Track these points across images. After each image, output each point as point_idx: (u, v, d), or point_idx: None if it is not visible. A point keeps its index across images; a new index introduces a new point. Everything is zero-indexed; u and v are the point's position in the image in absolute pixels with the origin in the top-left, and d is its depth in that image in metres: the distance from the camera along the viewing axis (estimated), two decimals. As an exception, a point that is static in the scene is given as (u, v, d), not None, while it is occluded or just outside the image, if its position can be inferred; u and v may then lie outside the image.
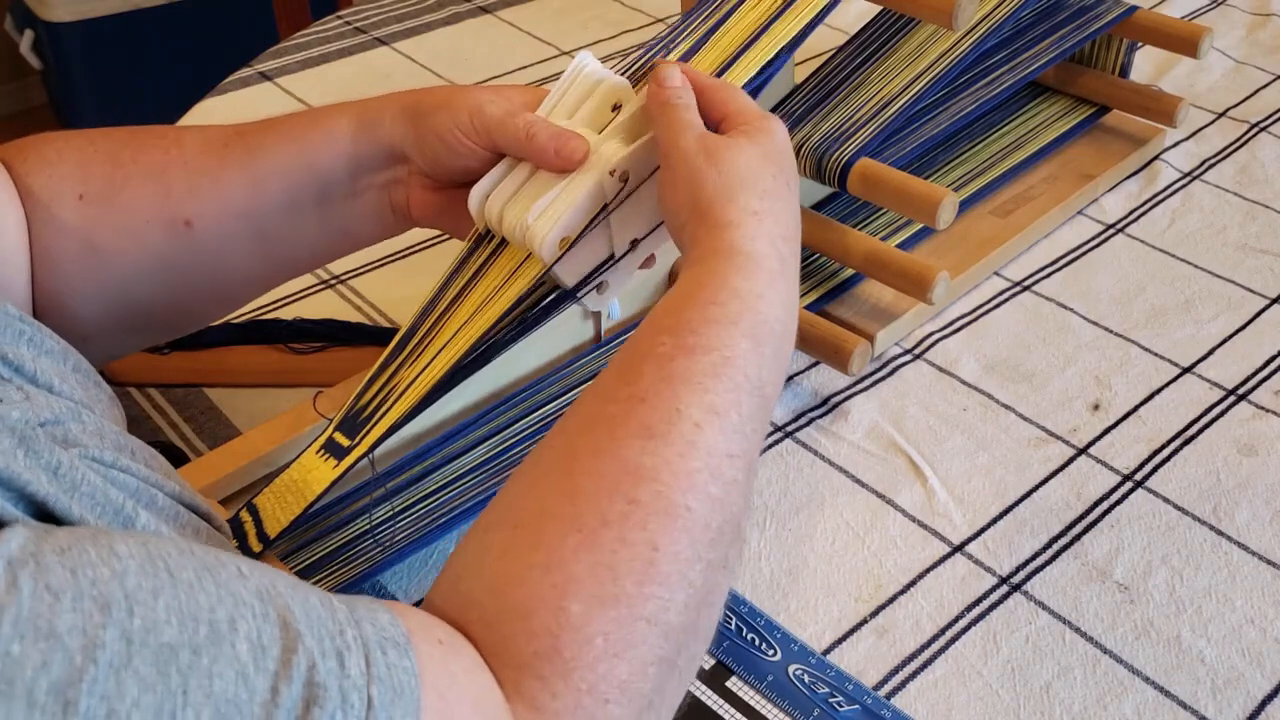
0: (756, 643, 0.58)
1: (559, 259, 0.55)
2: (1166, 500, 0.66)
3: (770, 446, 0.69)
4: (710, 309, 0.48)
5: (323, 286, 0.82)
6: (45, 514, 0.36)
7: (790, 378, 0.74)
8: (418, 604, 0.43)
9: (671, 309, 0.49)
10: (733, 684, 0.56)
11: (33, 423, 0.40)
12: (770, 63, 0.64)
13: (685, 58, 0.63)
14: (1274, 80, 1.05)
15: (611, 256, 0.57)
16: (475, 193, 0.58)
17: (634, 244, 0.57)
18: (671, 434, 0.44)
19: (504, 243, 0.58)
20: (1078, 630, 0.59)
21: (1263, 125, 0.98)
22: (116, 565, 0.32)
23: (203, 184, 0.59)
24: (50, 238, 0.56)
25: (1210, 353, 0.76)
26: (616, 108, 0.58)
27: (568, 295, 0.58)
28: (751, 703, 0.55)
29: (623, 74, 0.60)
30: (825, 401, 0.72)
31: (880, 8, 0.80)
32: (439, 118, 0.59)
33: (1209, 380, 0.74)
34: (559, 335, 0.71)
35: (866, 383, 0.74)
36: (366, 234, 0.64)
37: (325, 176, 0.60)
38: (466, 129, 0.58)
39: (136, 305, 0.59)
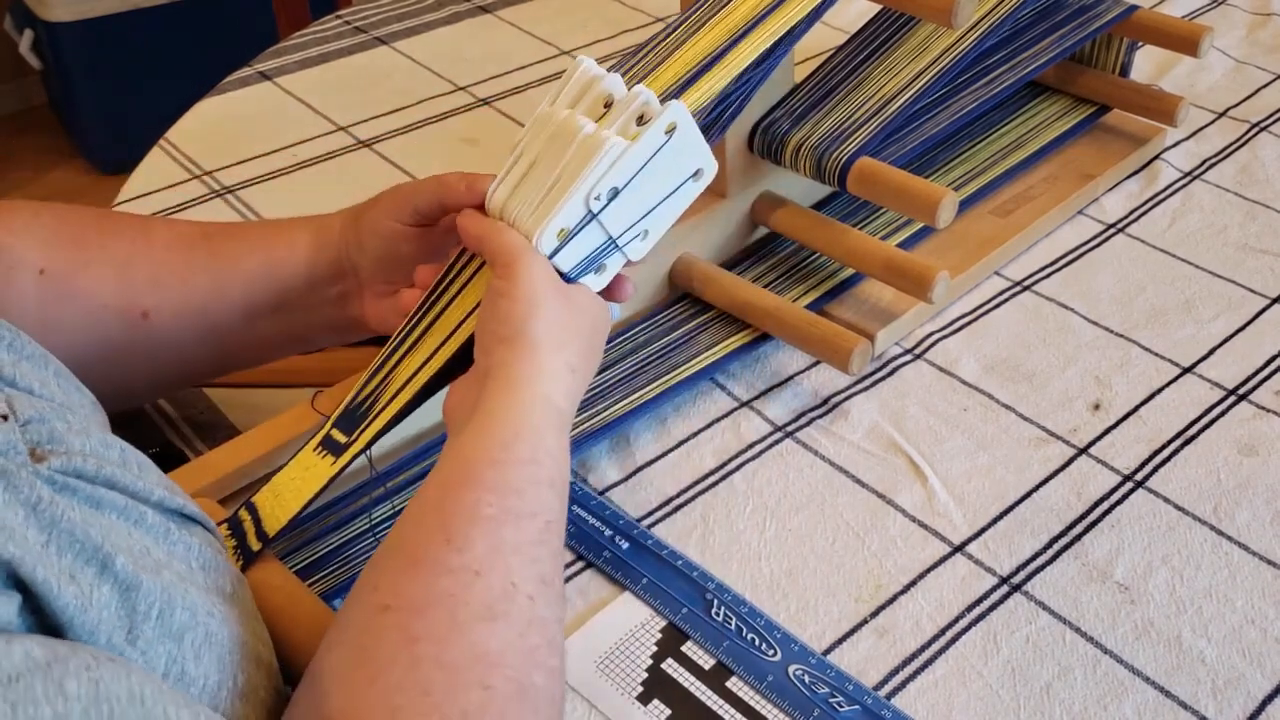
0: (756, 643, 0.58)
1: (557, 250, 0.55)
2: (1167, 500, 0.66)
3: (770, 446, 0.69)
4: (531, 469, 0.49)
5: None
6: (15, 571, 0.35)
7: (790, 377, 0.74)
8: None
9: (493, 460, 0.49)
10: (733, 684, 0.56)
11: (15, 445, 0.39)
12: (762, 59, 0.64)
13: (675, 50, 0.63)
14: (1274, 80, 1.05)
15: (609, 239, 0.57)
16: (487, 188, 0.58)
17: (632, 226, 0.57)
18: (512, 612, 0.44)
19: None
20: (1078, 630, 0.59)
21: (1263, 125, 0.98)
22: (60, 706, 0.31)
23: (166, 279, 0.60)
24: (6, 303, 0.57)
25: (1211, 353, 0.76)
26: (608, 104, 0.58)
27: (564, 279, 0.58)
28: (751, 703, 0.55)
29: (620, 74, 0.61)
30: (825, 401, 0.72)
31: (880, 7, 0.80)
32: (369, 213, 0.62)
33: (1209, 380, 0.74)
34: (559, 335, 0.71)
35: (866, 383, 0.74)
36: (321, 342, 0.67)
37: (284, 287, 0.62)
38: (389, 209, 0.61)
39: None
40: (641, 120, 0.56)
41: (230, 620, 0.43)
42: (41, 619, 0.35)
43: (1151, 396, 0.72)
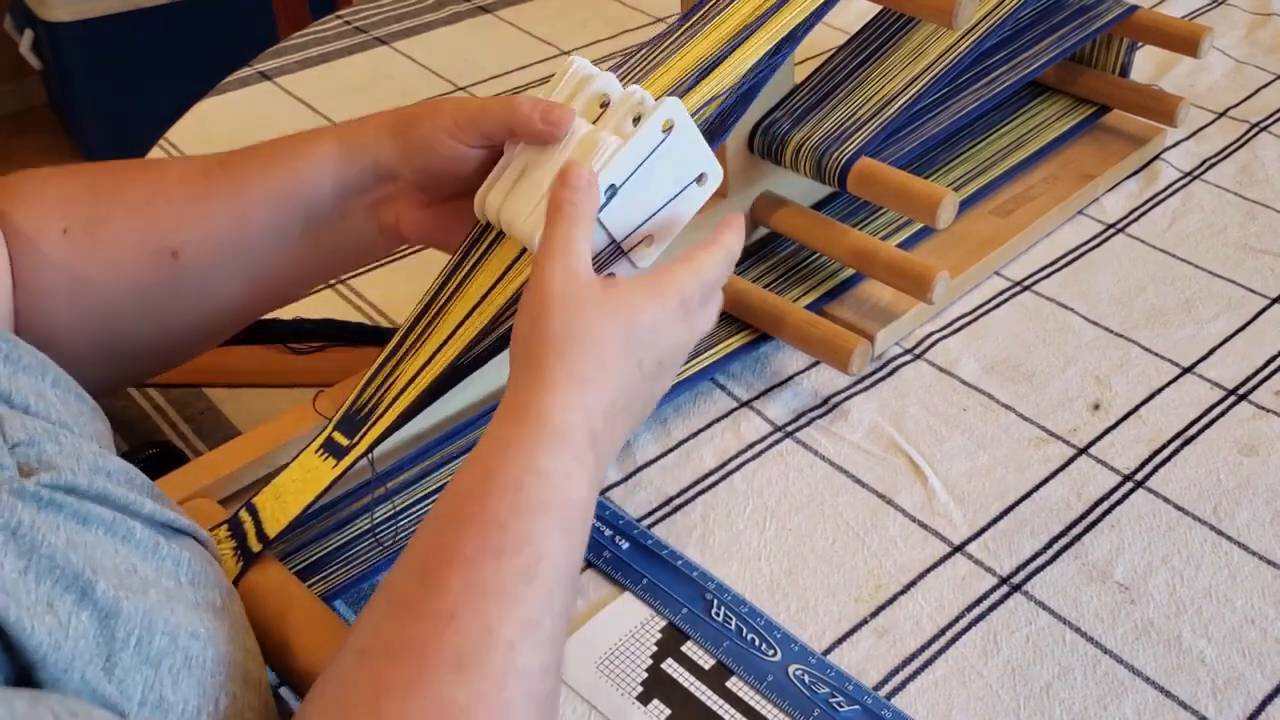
0: (756, 643, 0.58)
1: None
2: (1167, 500, 0.66)
3: (770, 446, 0.69)
4: (516, 495, 0.45)
5: (323, 286, 0.82)
6: None
7: (790, 377, 0.74)
8: None
9: (475, 490, 0.45)
10: (733, 684, 0.56)
11: (3, 463, 0.39)
12: (763, 61, 0.64)
13: (674, 54, 0.63)
14: (1274, 80, 1.05)
15: (613, 244, 0.57)
16: (479, 190, 0.58)
17: (635, 230, 0.57)
18: (485, 661, 0.41)
19: (500, 236, 0.58)
20: (1078, 630, 0.59)
21: (1263, 125, 0.98)
22: None
23: (187, 214, 0.58)
24: (35, 272, 0.56)
25: (1211, 353, 0.76)
26: (604, 104, 0.58)
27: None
28: (751, 703, 0.55)
29: (617, 73, 0.60)
30: (825, 401, 0.72)
31: (880, 7, 0.80)
32: (423, 125, 0.58)
33: (1209, 380, 0.74)
34: (559, 335, 0.71)
35: (866, 383, 0.74)
36: (356, 255, 0.63)
37: (311, 202, 0.59)
38: (450, 128, 0.58)
39: (123, 338, 0.58)
40: (637, 120, 0.56)
41: (216, 639, 0.42)
42: (12, 655, 0.35)
43: (1151, 396, 0.72)
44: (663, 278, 0.52)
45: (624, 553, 0.62)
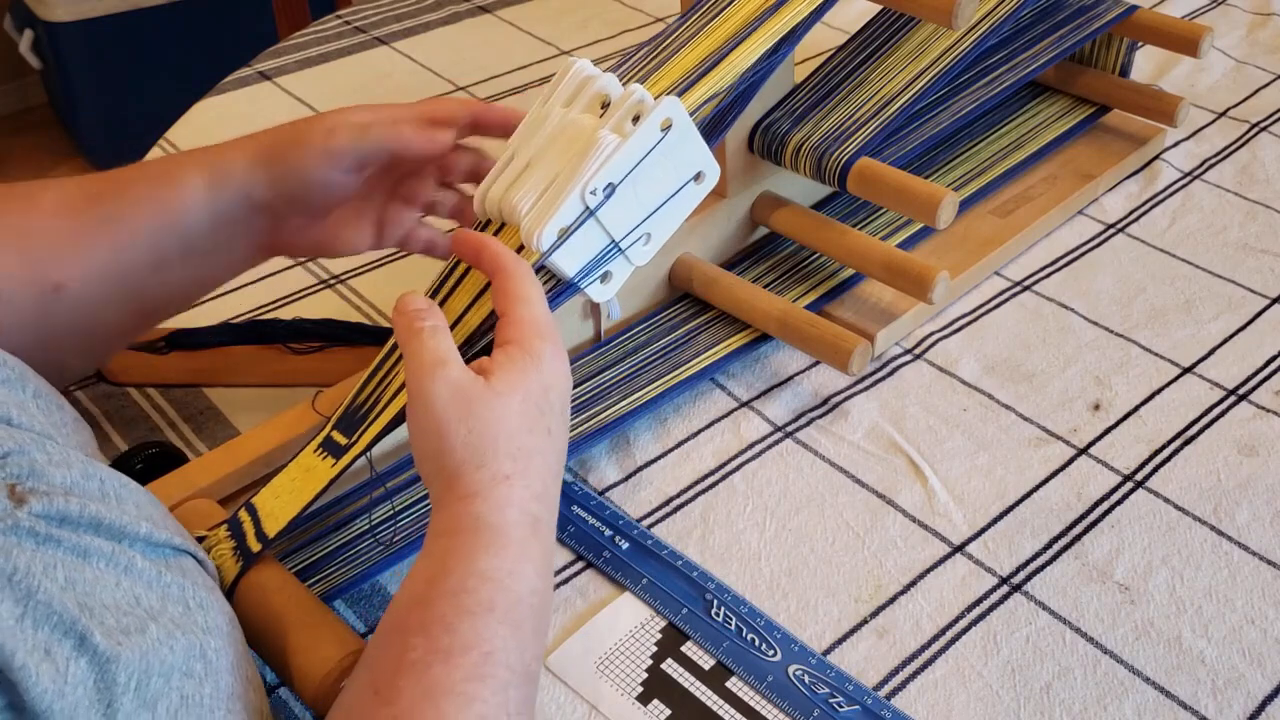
0: (756, 643, 0.58)
1: (556, 246, 0.55)
2: (1167, 500, 0.66)
3: (770, 447, 0.69)
4: (461, 598, 0.45)
5: (322, 286, 0.82)
6: None
7: (790, 377, 0.74)
8: None
9: (419, 599, 0.45)
10: (733, 684, 0.56)
11: None
12: (763, 60, 0.64)
13: (675, 54, 0.63)
14: (1274, 80, 1.05)
15: (611, 242, 0.57)
16: (479, 187, 0.58)
17: (634, 229, 0.57)
18: None
19: (498, 235, 0.58)
20: (1078, 630, 0.59)
21: (1263, 125, 0.98)
22: None
23: (65, 248, 0.58)
24: None
25: (1211, 353, 0.76)
26: (605, 104, 0.58)
27: (571, 287, 0.58)
28: (751, 703, 0.55)
29: (617, 73, 0.60)
30: (825, 401, 0.72)
31: (880, 7, 0.80)
32: (292, 156, 0.58)
33: (1209, 380, 0.74)
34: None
35: (866, 383, 0.74)
36: (239, 270, 0.64)
37: (186, 234, 0.59)
38: (321, 157, 0.57)
39: None
40: (637, 120, 0.56)
41: (215, 672, 0.42)
42: (14, 699, 0.35)
43: (1151, 396, 0.72)
44: (520, 335, 0.51)
45: (624, 553, 0.62)
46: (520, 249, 0.57)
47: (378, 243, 0.65)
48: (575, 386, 0.69)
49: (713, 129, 0.64)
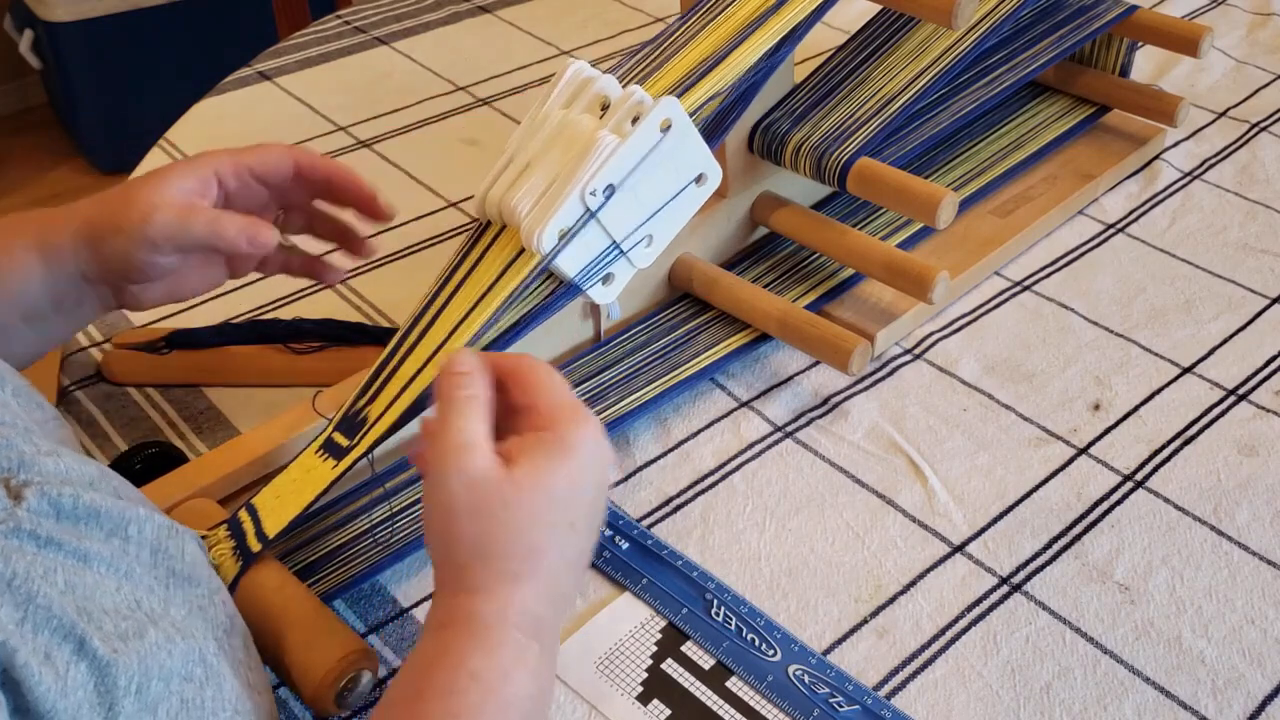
0: (756, 643, 0.58)
1: (558, 249, 0.55)
2: (1167, 500, 0.66)
3: (770, 446, 0.69)
4: (450, 700, 0.43)
5: (322, 286, 0.82)
6: None
7: (790, 378, 0.74)
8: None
9: (414, 694, 0.44)
10: (733, 684, 0.56)
11: None
12: (763, 60, 0.64)
13: (675, 54, 0.63)
14: (1274, 80, 1.05)
15: (613, 244, 0.57)
16: (480, 189, 0.58)
17: (635, 230, 0.57)
18: None
19: (498, 236, 0.58)
20: (1078, 630, 0.59)
21: (1263, 125, 0.98)
22: None
23: None
24: None
25: (1210, 353, 0.76)
26: (605, 106, 0.58)
27: (572, 289, 0.58)
28: (751, 703, 0.55)
29: (617, 74, 0.61)
30: (825, 401, 0.72)
31: (880, 7, 0.80)
32: (115, 242, 0.57)
33: (1209, 380, 0.74)
34: (559, 335, 0.71)
35: (866, 383, 0.74)
36: (89, 322, 0.64)
37: (25, 306, 0.59)
38: (143, 245, 0.57)
39: None
40: (636, 121, 0.56)
41: (217, 676, 0.42)
42: (19, 702, 0.35)
43: (1151, 396, 0.72)
44: (553, 423, 0.48)
45: (624, 553, 0.62)
46: (521, 251, 0.57)
47: (233, 275, 0.64)
48: (575, 386, 0.69)
49: (713, 130, 0.64)
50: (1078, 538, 0.64)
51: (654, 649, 0.58)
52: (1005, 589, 0.61)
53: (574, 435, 0.47)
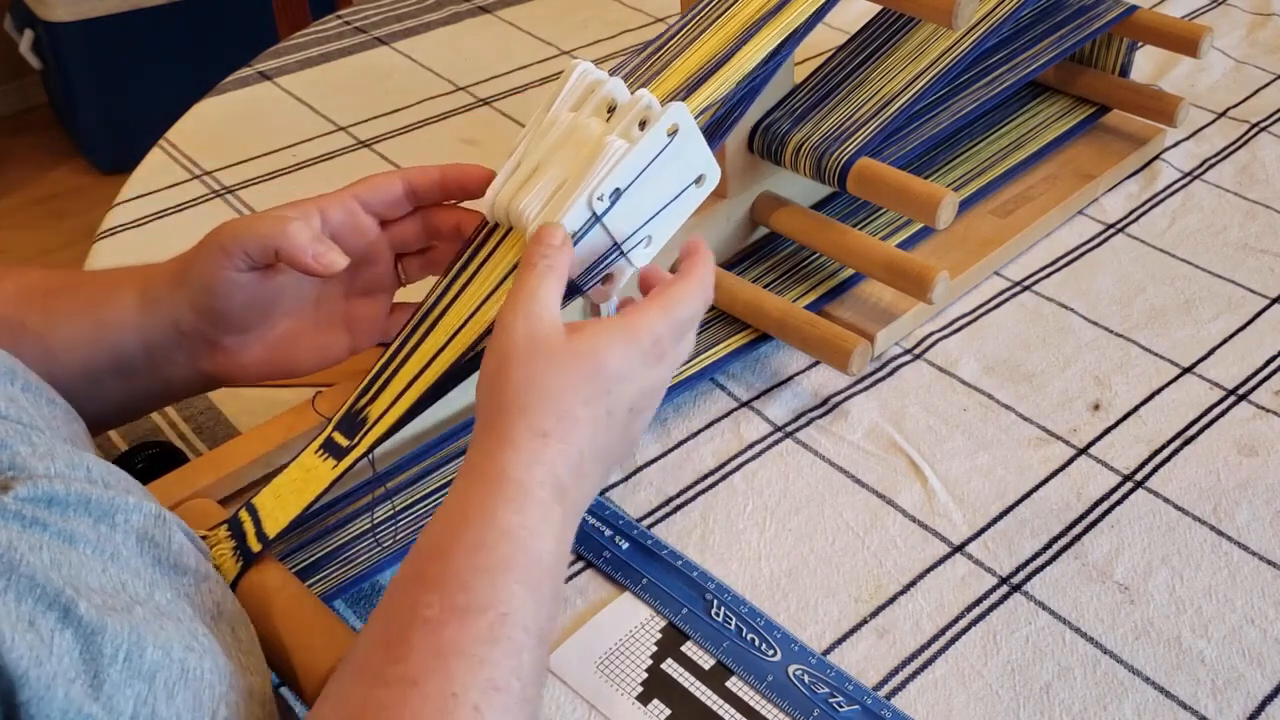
0: (756, 643, 0.58)
1: None
2: (1167, 500, 0.66)
3: (770, 447, 0.69)
4: (479, 554, 0.44)
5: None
6: None
7: (790, 377, 0.74)
8: None
9: (438, 550, 0.45)
10: (733, 684, 0.56)
11: None
12: (765, 62, 0.64)
13: (678, 56, 0.63)
14: (1274, 80, 1.05)
15: (614, 245, 0.57)
16: (488, 191, 0.58)
17: (636, 231, 0.57)
18: None
19: (504, 239, 0.58)
20: (1078, 630, 0.59)
21: (1263, 125, 0.98)
22: None
23: (3, 339, 0.55)
24: None
25: (1210, 353, 0.76)
26: (612, 109, 0.58)
27: (573, 289, 0.58)
28: (751, 703, 0.55)
29: (621, 75, 0.60)
30: (825, 401, 0.72)
31: (880, 7, 0.80)
32: (197, 264, 0.56)
33: (1209, 380, 0.74)
34: (559, 335, 0.71)
35: (866, 383, 0.74)
36: (186, 393, 0.61)
37: (118, 352, 0.57)
38: (220, 261, 0.56)
39: None
40: (644, 125, 0.56)
41: (213, 652, 0.42)
42: None
43: (1151, 396, 0.72)
44: (634, 320, 0.51)
45: (624, 553, 0.62)
46: None
47: (355, 346, 0.62)
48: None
49: (715, 132, 0.64)
50: (1078, 538, 0.64)
51: (654, 649, 0.58)
52: (1005, 589, 0.61)
53: (644, 342, 0.50)
